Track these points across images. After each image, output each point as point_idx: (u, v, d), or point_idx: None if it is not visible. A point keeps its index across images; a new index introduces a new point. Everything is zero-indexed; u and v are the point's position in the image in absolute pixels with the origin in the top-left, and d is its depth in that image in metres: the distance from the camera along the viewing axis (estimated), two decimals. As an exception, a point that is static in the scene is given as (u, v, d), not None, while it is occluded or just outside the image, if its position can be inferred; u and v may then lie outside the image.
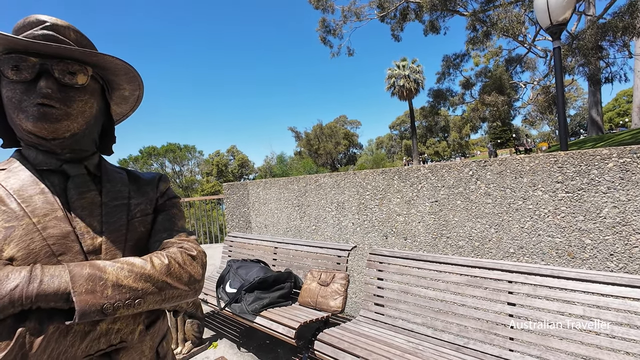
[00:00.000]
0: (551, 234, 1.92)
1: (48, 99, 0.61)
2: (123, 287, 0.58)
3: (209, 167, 45.32)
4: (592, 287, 1.48)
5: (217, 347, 2.76)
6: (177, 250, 0.69)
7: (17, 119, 0.62)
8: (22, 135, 0.66)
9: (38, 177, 0.65)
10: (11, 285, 0.51)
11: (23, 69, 0.60)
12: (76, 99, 0.65)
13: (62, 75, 0.63)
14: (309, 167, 27.57)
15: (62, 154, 0.68)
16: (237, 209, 4.21)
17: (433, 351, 1.73)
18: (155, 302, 0.62)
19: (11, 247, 0.57)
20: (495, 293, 1.74)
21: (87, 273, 0.56)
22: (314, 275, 2.53)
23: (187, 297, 0.67)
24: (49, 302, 0.53)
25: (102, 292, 0.55)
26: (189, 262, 0.69)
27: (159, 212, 0.80)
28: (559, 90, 3.68)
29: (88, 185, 0.69)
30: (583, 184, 1.81)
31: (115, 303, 0.56)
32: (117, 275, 0.58)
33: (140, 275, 0.60)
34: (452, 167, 2.35)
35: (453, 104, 21.83)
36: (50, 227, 0.61)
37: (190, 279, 0.67)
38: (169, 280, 0.64)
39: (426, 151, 50.42)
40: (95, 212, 0.67)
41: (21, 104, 0.61)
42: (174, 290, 0.64)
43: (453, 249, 2.35)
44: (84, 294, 0.54)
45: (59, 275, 0.55)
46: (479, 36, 14.50)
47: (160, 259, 0.65)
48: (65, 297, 0.54)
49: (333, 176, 3.17)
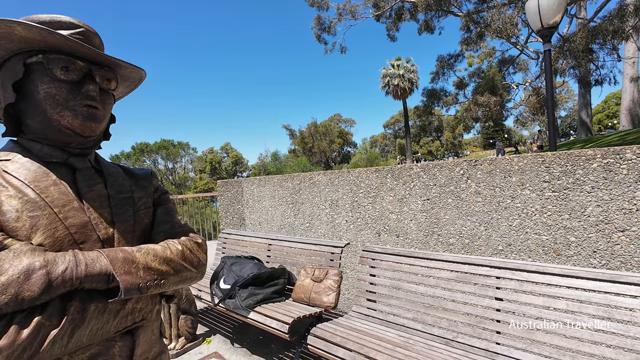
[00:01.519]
0: (538, 232, 1.99)
1: (95, 101, 0.68)
2: (152, 269, 0.65)
3: (202, 165, 45.01)
4: (576, 282, 1.54)
5: (210, 342, 2.78)
6: (187, 239, 0.77)
7: (58, 115, 0.66)
8: (47, 129, 0.67)
9: (46, 169, 0.67)
10: (62, 267, 0.56)
11: (72, 71, 0.66)
12: (108, 102, 0.73)
13: (102, 80, 0.70)
14: (303, 165, 27.57)
15: (72, 149, 0.71)
16: (231, 206, 4.21)
17: (423, 345, 1.78)
18: (174, 283, 0.70)
19: (38, 235, 0.60)
20: (483, 288, 1.79)
21: (122, 257, 0.62)
22: (307, 271, 2.57)
23: (196, 279, 0.76)
24: (92, 283, 0.59)
25: (137, 273, 0.63)
26: (196, 248, 0.77)
27: (157, 205, 0.86)
28: (549, 92, 3.76)
29: (95, 178, 0.73)
30: (569, 184, 1.87)
31: (148, 282, 0.64)
32: (146, 259, 0.65)
33: (163, 259, 0.68)
34: (443, 166, 2.39)
35: (447, 103, 22.02)
36: (70, 217, 0.65)
37: (199, 262, 0.76)
38: (185, 263, 0.72)
39: (420, 150, 50.77)
40: (104, 204, 0.72)
41: (67, 102, 0.66)
42: (188, 273, 0.72)
43: (444, 246, 2.40)
44: (124, 274, 0.61)
45: (98, 259, 0.61)
46: (472, 37, 14.65)
47: (176, 246, 0.73)
48: (106, 278, 0.60)
49: (327, 174, 3.20)
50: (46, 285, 0.53)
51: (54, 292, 0.55)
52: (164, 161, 41.24)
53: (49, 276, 0.54)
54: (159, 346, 0.80)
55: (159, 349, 0.80)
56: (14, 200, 0.61)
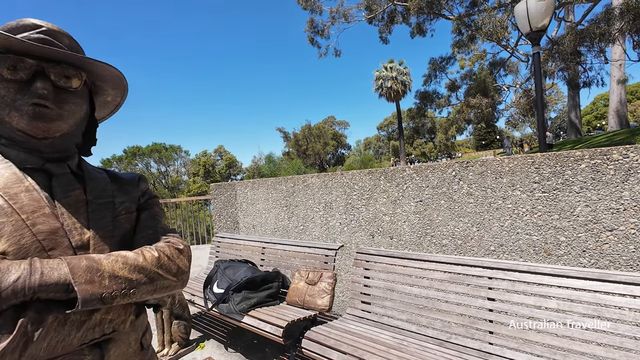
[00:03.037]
0: (529, 232, 2.01)
1: (43, 99, 0.63)
2: (119, 278, 0.61)
3: (195, 168, 44.67)
4: (566, 281, 1.56)
5: (204, 347, 2.75)
6: (165, 245, 0.74)
7: (8, 117, 0.64)
8: (9, 133, 0.67)
9: (21, 175, 0.66)
10: (13, 277, 0.53)
11: (19, 70, 0.62)
12: (69, 101, 0.68)
13: (58, 78, 0.66)
14: (297, 168, 27.54)
15: (47, 153, 0.69)
16: (225, 210, 4.19)
17: (417, 346, 1.79)
18: (147, 292, 0.66)
19: (2, 243, 0.58)
20: (476, 289, 1.81)
21: (85, 265, 0.59)
22: (301, 274, 2.56)
23: (175, 287, 0.72)
24: (49, 293, 0.56)
25: (100, 282, 0.59)
26: (176, 255, 0.73)
27: (142, 210, 0.83)
28: (538, 94, 3.82)
29: (72, 184, 0.71)
30: (558, 184, 1.90)
31: (113, 292, 0.60)
32: (113, 266, 0.62)
33: (134, 267, 0.64)
34: (436, 167, 2.41)
35: (439, 105, 22.23)
36: (39, 224, 0.62)
37: (178, 270, 0.72)
38: (160, 271, 0.68)
39: (413, 152, 51.11)
40: (81, 210, 0.69)
41: (15, 102, 0.63)
42: (164, 281, 0.69)
43: (437, 247, 2.42)
44: (84, 284, 0.57)
45: (58, 267, 0.57)
46: (464, 40, 14.85)
47: (150, 252, 0.69)
48: (65, 287, 0.56)
49: (321, 176, 3.20)
50: None
51: (3, 303, 0.52)
52: (156, 164, 40.84)
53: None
54: (139, 358, 0.76)
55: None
56: None
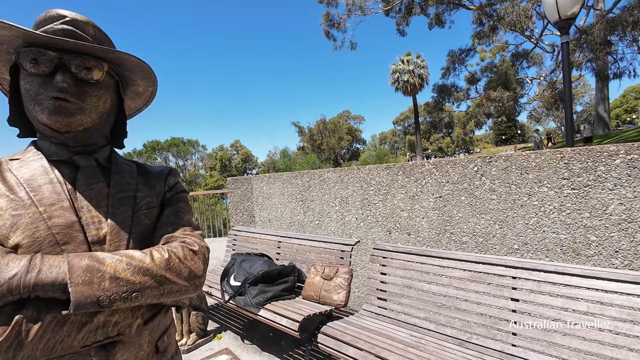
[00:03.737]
0: (556, 231, 1.92)
1: (63, 93, 0.62)
2: (120, 280, 0.57)
3: (212, 162, 45.47)
4: (597, 283, 1.48)
5: (221, 338, 2.79)
6: (179, 245, 0.69)
7: (33, 110, 0.64)
8: (38, 126, 0.67)
9: (49, 167, 0.66)
10: (10, 273, 0.52)
11: (41, 63, 0.61)
12: (91, 94, 0.66)
13: (79, 70, 0.64)
14: (312, 162, 27.57)
15: (74, 147, 0.69)
16: (241, 203, 4.23)
17: (436, 345, 1.75)
18: (153, 297, 0.62)
19: (17, 235, 0.58)
20: (498, 289, 1.74)
21: (85, 264, 0.56)
22: (317, 269, 2.55)
23: (187, 292, 0.67)
24: (46, 292, 0.53)
25: (99, 284, 0.55)
26: (190, 257, 0.68)
27: (166, 205, 0.79)
28: (566, 86, 3.64)
29: (97, 177, 0.70)
30: (589, 181, 1.80)
31: (112, 295, 0.56)
32: (115, 267, 0.58)
33: (139, 269, 0.60)
34: (456, 163, 2.34)
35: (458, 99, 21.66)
36: (55, 217, 0.62)
37: (190, 274, 0.67)
38: (168, 274, 0.63)
39: (430, 147, 50.17)
40: (102, 203, 0.68)
41: (38, 96, 0.62)
42: (173, 285, 0.64)
43: (457, 244, 2.35)
44: (80, 285, 0.54)
45: (58, 266, 0.55)
46: (485, 30, 14.34)
47: (160, 253, 0.65)
48: (63, 287, 0.54)
49: (337, 171, 3.17)
50: None
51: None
52: (174, 158, 41.82)
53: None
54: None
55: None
56: (1, 199, 0.60)
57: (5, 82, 0.72)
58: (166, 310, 0.77)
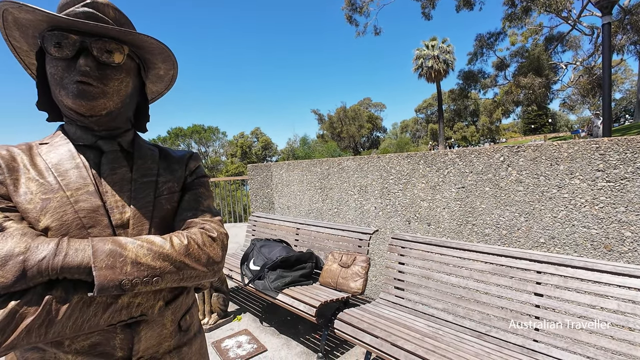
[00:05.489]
0: (587, 225, 1.83)
1: (86, 77, 0.63)
2: (141, 265, 0.59)
3: (233, 149, 46.24)
4: (630, 281, 1.40)
5: (241, 320, 2.90)
6: (198, 231, 0.70)
7: (59, 95, 0.65)
8: (64, 110, 0.70)
9: (75, 152, 0.68)
10: (40, 255, 0.54)
11: (64, 46, 0.62)
12: (113, 77, 0.66)
13: (100, 53, 0.64)
14: (332, 151, 27.46)
15: (98, 131, 0.71)
16: (261, 190, 4.29)
17: (453, 337, 1.73)
18: (173, 281, 0.64)
19: (47, 218, 0.61)
20: (522, 283, 1.69)
21: (109, 249, 0.58)
22: (335, 256, 2.57)
23: (205, 277, 0.69)
24: (73, 274, 0.56)
25: (122, 268, 0.57)
26: (208, 243, 0.69)
27: (187, 190, 0.80)
28: (606, 71, 3.39)
29: (120, 162, 0.72)
30: (627, 173, 1.69)
31: (134, 280, 0.58)
32: (137, 252, 0.60)
33: (159, 255, 0.62)
34: (481, 152, 2.25)
35: (484, 86, 20.75)
36: (82, 201, 0.64)
37: (208, 260, 0.68)
38: (187, 260, 0.65)
39: (453, 136, 48.63)
40: (125, 188, 0.70)
41: (62, 80, 0.63)
42: (192, 271, 0.66)
43: (479, 236, 2.29)
44: (104, 269, 0.56)
45: (83, 250, 0.57)
46: (517, 12, 13.53)
47: (180, 239, 0.66)
48: (88, 270, 0.56)
49: (356, 159, 3.14)
50: (20, 273, 0.52)
51: (29, 281, 0.53)
52: (197, 145, 42.83)
53: (24, 264, 0.53)
54: (177, 340, 0.74)
55: (177, 343, 0.74)
56: (32, 183, 0.63)
57: (33, 67, 0.73)
58: (188, 292, 0.79)
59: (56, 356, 0.61)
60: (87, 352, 0.62)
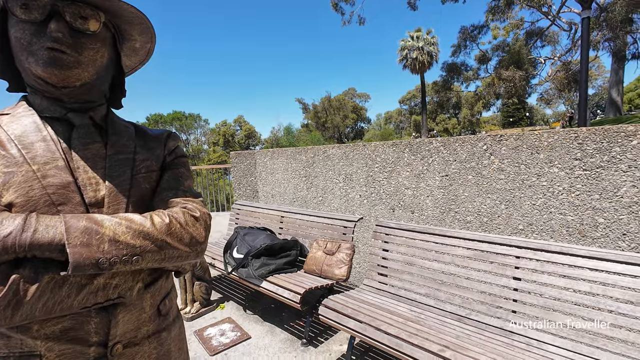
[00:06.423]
0: (563, 212, 1.89)
1: (59, 43, 0.57)
2: (120, 243, 0.56)
3: (215, 137, 45.24)
4: (602, 265, 1.46)
5: (224, 308, 2.87)
6: (180, 210, 0.67)
7: (26, 62, 0.59)
8: (30, 80, 0.63)
9: (41, 124, 0.63)
10: (4, 232, 0.50)
11: (33, 9, 0.56)
12: (88, 46, 0.61)
13: (74, 19, 0.58)
14: (316, 140, 27.36)
15: (69, 103, 0.65)
16: (245, 178, 4.22)
17: (436, 320, 1.77)
18: (154, 261, 0.60)
19: (10, 193, 0.55)
20: (501, 267, 1.74)
21: (83, 226, 0.54)
22: (319, 244, 2.57)
23: (188, 258, 0.66)
24: (43, 252, 0.52)
25: (98, 246, 0.54)
26: (191, 222, 0.67)
27: (166, 170, 0.77)
28: (584, 64, 3.49)
29: (93, 137, 0.67)
30: (603, 162, 1.75)
31: (112, 258, 0.54)
32: (115, 230, 0.56)
33: (139, 232, 0.58)
34: (465, 141, 2.28)
35: (467, 79, 21.10)
36: (50, 176, 0.59)
37: (191, 240, 0.65)
38: (169, 239, 0.62)
39: (435, 128, 49.41)
40: (98, 165, 0.65)
41: (31, 46, 0.57)
42: (174, 251, 0.63)
43: (461, 223, 2.34)
44: (78, 246, 0.52)
45: (54, 226, 0.53)
46: (500, 5, 13.72)
47: (161, 218, 0.63)
48: (60, 248, 0.52)
49: (342, 147, 3.12)
50: None
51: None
52: (177, 132, 41.60)
53: None
54: (156, 325, 0.71)
55: (156, 328, 0.71)
56: None
57: None
58: (167, 275, 0.77)
59: (23, 342, 0.56)
60: (59, 337, 0.58)
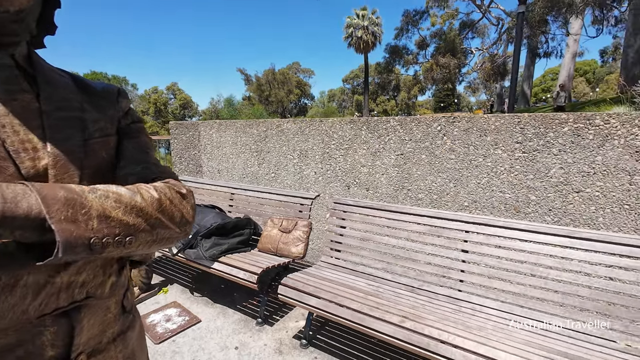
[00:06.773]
0: (503, 190, 2.09)
1: None
2: (112, 220, 0.44)
3: (145, 105, 40.63)
4: (537, 237, 1.66)
5: (167, 292, 2.65)
6: (165, 186, 0.55)
7: None
8: None
9: None
10: None
11: None
12: None
13: None
14: (259, 114, 26.32)
15: None
16: (187, 151, 3.85)
17: (392, 293, 1.86)
18: (146, 243, 0.49)
19: None
20: (452, 241, 1.87)
21: (64, 196, 0.40)
22: (274, 222, 2.48)
23: (176, 240, 0.55)
24: (14, 230, 0.37)
25: (87, 222, 0.41)
26: (178, 200, 0.56)
27: (125, 137, 0.62)
28: (516, 55, 3.83)
29: (20, 84, 0.48)
30: (539, 145, 1.95)
31: (105, 239, 0.42)
32: (103, 204, 0.43)
33: (131, 208, 0.46)
34: (421, 121, 2.35)
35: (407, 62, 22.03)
36: None
37: (182, 219, 0.55)
38: (162, 217, 0.51)
39: (376, 108, 51.28)
40: (33, 123, 0.48)
41: None
42: (166, 231, 0.52)
43: (412, 201, 2.45)
44: (64, 221, 0.38)
45: (25, 196, 0.37)
46: (441, -8, 14.34)
47: (149, 192, 0.51)
48: (38, 224, 0.38)
49: (297, 122, 3.00)
50: None
51: None
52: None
53: None
54: (121, 324, 0.60)
55: (121, 327, 0.60)
56: None
57: None
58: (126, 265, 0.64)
59: None
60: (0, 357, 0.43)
